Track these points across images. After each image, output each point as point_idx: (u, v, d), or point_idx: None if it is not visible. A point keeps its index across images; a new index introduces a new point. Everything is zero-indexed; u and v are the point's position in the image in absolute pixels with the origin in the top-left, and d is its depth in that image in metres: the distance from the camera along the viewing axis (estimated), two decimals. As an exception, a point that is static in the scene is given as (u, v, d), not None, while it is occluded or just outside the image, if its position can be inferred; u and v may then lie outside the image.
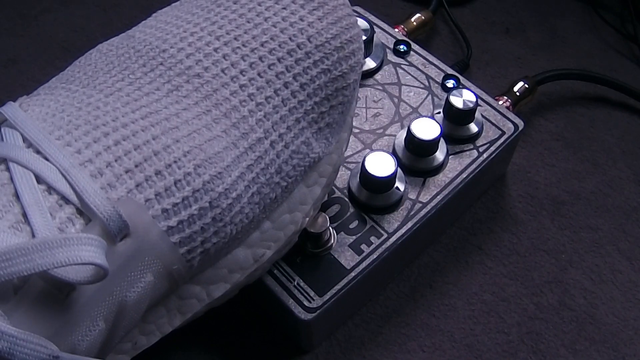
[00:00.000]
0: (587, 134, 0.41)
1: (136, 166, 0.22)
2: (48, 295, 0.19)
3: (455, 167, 0.33)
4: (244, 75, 0.25)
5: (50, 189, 0.21)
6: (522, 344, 0.32)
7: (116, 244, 0.21)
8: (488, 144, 0.34)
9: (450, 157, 0.34)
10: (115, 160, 0.22)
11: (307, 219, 0.28)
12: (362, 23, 0.36)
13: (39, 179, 0.21)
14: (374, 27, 0.37)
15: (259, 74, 0.25)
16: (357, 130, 0.35)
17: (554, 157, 0.40)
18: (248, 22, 0.25)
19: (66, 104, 0.23)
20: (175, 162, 0.23)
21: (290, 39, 0.25)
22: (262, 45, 0.25)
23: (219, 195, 0.23)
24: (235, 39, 0.25)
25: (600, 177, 0.39)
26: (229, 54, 0.25)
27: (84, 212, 0.21)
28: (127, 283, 0.21)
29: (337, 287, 0.29)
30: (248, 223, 0.25)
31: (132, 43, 0.26)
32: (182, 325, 0.26)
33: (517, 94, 0.39)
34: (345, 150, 0.30)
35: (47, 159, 0.21)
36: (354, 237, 0.31)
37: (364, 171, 0.31)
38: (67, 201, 0.21)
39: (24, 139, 0.21)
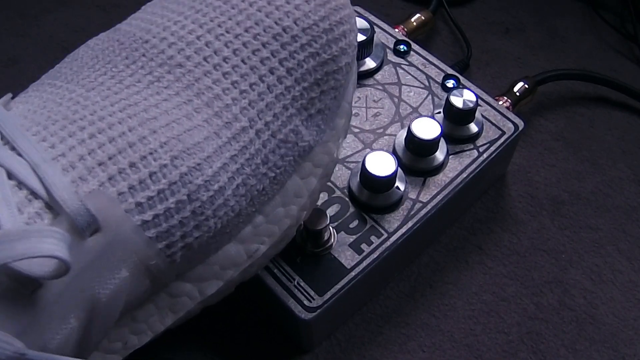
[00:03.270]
0: (587, 134, 0.41)
1: (109, 159, 0.21)
2: (12, 292, 0.19)
3: (455, 167, 0.33)
4: (227, 63, 0.24)
5: (21, 184, 0.20)
6: (522, 344, 0.32)
7: (86, 238, 0.20)
8: (488, 144, 0.34)
9: (450, 157, 0.34)
10: (89, 154, 0.21)
11: (305, 212, 0.27)
12: (362, 23, 0.36)
13: (11, 175, 0.20)
14: (374, 27, 0.37)
15: (242, 61, 0.24)
16: (357, 130, 0.35)
17: (554, 157, 0.40)
18: (233, 8, 0.25)
19: (49, 100, 0.23)
20: (150, 153, 0.22)
21: (275, 22, 0.24)
22: (246, 30, 0.24)
23: (198, 188, 0.23)
24: (218, 25, 0.24)
25: (600, 177, 0.39)
26: (212, 42, 0.24)
27: (53, 206, 0.20)
28: (99, 279, 0.21)
29: (337, 286, 0.29)
30: (234, 216, 0.24)
31: (117, 36, 0.25)
32: (175, 324, 0.25)
33: (517, 94, 0.39)
34: (344, 137, 0.29)
35: (20, 155, 0.21)
36: (354, 237, 0.31)
37: (364, 171, 0.31)
38: (36, 196, 0.20)
39: (2, 137, 0.21)
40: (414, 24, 0.42)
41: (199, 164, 0.23)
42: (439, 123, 0.33)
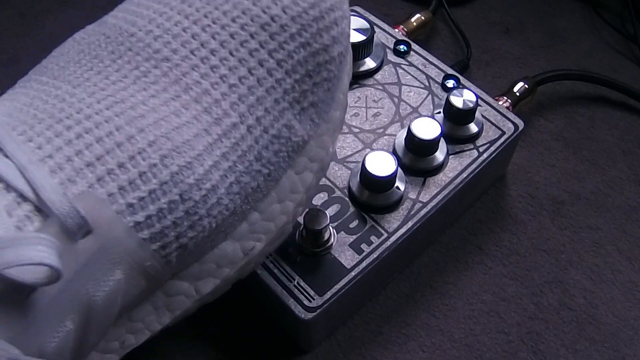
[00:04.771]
0: (587, 134, 0.41)
1: (97, 159, 0.21)
2: (6, 298, 0.19)
3: (455, 167, 0.33)
4: (214, 56, 0.23)
5: (9, 186, 0.20)
6: (522, 344, 0.32)
7: (77, 241, 0.20)
8: (488, 144, 0.34)
9: (450, 157, 0.34)
10: (76, 154, 0.21)
11: (301, 208, 0.27)
12: (362, 23, 0.36)
13: None
14: (374, 27, 0.37)
15: (230, 53, 0.23)
16: (357, 130, 0.35)
17: (554, 157, 0.40)
18: None
19: (35, 98, 0.22)
20: (139, 153, 0.21)
21: (263, 11, 0.23)
22: (233, 20, 0.23)
23: (190, 187, 0.22)
24: (205, 16, 0.23)
25: (600, 177, 0.39)
26: (199, 33, 0.23)
27: (42, 209, 0.20)
28: (93, 282, 0.20)
29: (337, 286, 0.29)
30: (229, 215, 0.24)
31: (103, 29, 0.24)
32: (172, 323, 0.25)
33: (517, 94, 0.39)
34: (341, 130, 0.28)
35: (7, 157, 0.20)
36: (354, 237, 0.31)
37: (364, 171, 0.31)
38: (25, 199, 0.20)
39: None
40: (414, 24, 0.42)
41: (189, 162, 0.22)
42: (439, 123, 0.33)
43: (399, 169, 0.32)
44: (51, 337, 0.20)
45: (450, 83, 0.37)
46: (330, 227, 0.31)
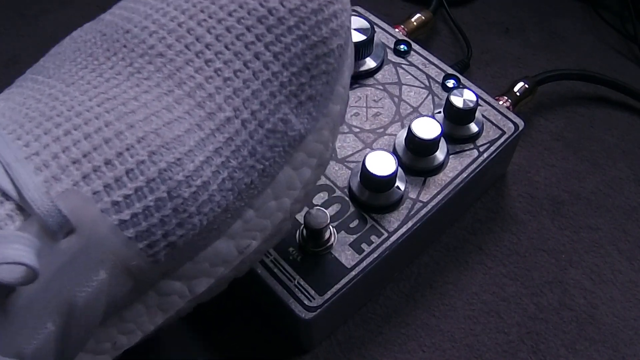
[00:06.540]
0: (587, 134, 0.41)
1: (84, 156, 0.20)
2: None
3: (455, 167, 0.33)
4: (209, 50, 0.23)
5: None
6: (522, 344, 0.32)
7: (59, 240, 0.19)
8: (488, 144, 0.34)
9: (450, 156, 0.34)
10: (63, 151, 0.20)
11: (299, 204, 0.26)
12: (363, 23, 0.36)
13: None
14: (375, 27, 0.37)
15: (226, 47, 0.23)
16: (357, 130, 0.35)
17: (554, 157, 0.40)
18: None
19: (29, 97, 0.22)
20: (127, 149, 0.21)
21: (260, 4, 0.23)
22: (229, 14, 0.23)
23: (179, 184, 0.21)
24: (201, 10, 0.23)
25: (600, 177, 0.39)
26: (194, 28, 0.23)
27: (24, 207, 0.19)
28: (76, 282, 0.20)
29: (338, 286, 0.29)
30: (221, 212, 0.23)
31: (99, 27, 0.24)
32: (167, 323, 0.24)
33: (517, 94, 0.39)
34: (341, 124, 0.27)
35: None
36: (355, 236, 0.31)
37: (364, 170, 0.31)
38: (7, 197, 0.19)
39: None
40: (414, 23, 0.42)
41: (179, 158, 0.22)
42: (439, 123, 0.33)
43: (399, 169, 0.32)
44: (31, 338, 0.19)
45: (450, 83, 0.37)
46: (331, 227, 0.31)
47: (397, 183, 0.32)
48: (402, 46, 0.38)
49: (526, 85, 0.39)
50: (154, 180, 0.21)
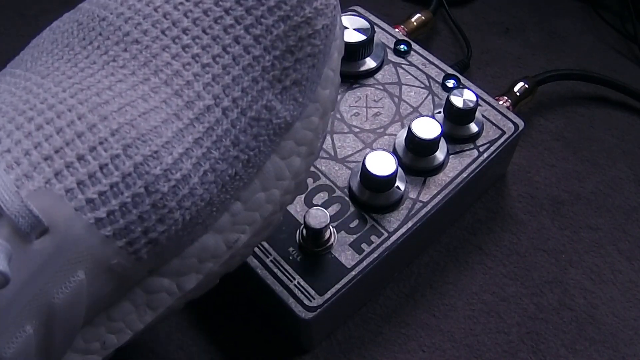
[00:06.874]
0: (587, 134, 0.41)
1: (56, 152, 0.19)
2: None
3: (455, 167, 0.33)
4: (186, 35, 0.22)
5: None
6: (522, 344, 0.32)
7: (32, 242, 0.19)
8: (488, 144, 0.34)
9: (450, 156, 0.34)
10: (35, 147, 0.19)
11: (289, 195, 0.25)
12: (363, 23, 0.36)
13: None
14: (374, 26, 0.37)
15: (203, 31, 0.22)
16: (357, 130, 0.35)
17: (554, 157, 0.40)
18: None
19: (5, 91, 0.21)
20: (100, 143, 0.20)
21: None
22: None
23: (157, 178, 0.20)
24: None
25: (600, 177, 0.39)
26: (170, 12, 0.22)
27: None
28: (52, 283, 0.19)
29: (338, 286, 0.29)
30: (205, 206, 0.22)
31: (77, 16, 0.23)
32: (157, 321, 0.24)
33: (517, 94, 0.39)
34: (332, 110, 0.26)
35: None
36: (355, 236, 0.31)
37: (364, 170, 0.31)
38: None
39: None
40: (414, 23, 0.42)
41: (156, 151, 0.20)
42: (439, 123, 0.33)
43: (399, 169, 0.32)
44: (9, 342, 0.19)
45: (450, 83, 0.37)
46: (331, 227, 0.31)
47: (397, 183, 0.32)
48: (402, 46, 0.38)
49: (526, 85, 0.39)
50: (130, 175, 0.20)
